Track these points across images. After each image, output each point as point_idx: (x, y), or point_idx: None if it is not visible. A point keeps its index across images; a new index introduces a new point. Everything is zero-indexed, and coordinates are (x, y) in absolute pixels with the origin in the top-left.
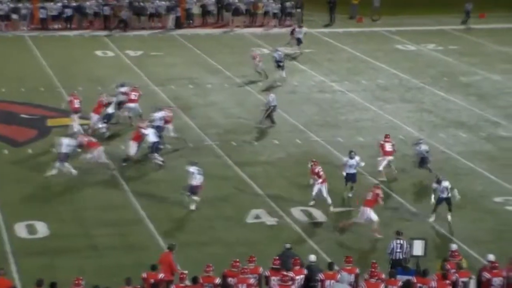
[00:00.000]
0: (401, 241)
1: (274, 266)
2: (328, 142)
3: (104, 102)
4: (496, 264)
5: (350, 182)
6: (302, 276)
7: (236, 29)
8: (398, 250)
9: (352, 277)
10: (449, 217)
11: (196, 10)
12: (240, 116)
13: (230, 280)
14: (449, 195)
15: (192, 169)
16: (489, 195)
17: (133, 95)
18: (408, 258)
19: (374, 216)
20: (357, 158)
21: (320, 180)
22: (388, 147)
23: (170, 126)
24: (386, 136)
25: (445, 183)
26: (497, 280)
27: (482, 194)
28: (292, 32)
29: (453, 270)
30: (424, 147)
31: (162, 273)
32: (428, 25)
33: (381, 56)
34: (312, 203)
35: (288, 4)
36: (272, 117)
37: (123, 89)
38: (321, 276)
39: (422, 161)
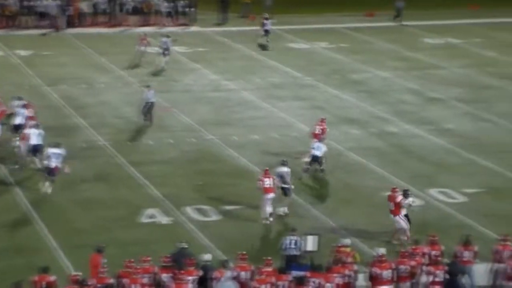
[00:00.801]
0: (295, 237)
1: (164, 264)
2: (222, 141)
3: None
4: (384, 258)
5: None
6: (195, 277)
7: (128, 28)
8: (292, 246)
9: (248, 274)
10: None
11: (87, 8)
12: (133, 115)
13: (124, 280)
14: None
15: (50, 151)
16: (380, 190)
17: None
18: (302, 254)
19: (403, 224)
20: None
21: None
22: (317, 129)
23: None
24: (322, 120)
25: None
26: (387, 273)
27: (373, 189)
28: (262, 25)
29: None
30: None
31: (92, 276)
32: (319, 23)
33: (274, 54)
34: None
35: (181, 3)
36: (150, 114)
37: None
38: (216, 273)
39: (313, 159)
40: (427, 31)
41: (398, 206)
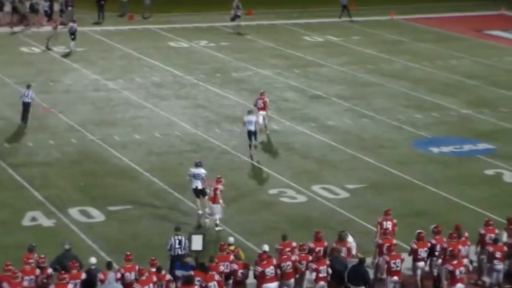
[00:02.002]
0: (180, 237)
1: (40, 265)
2: (104, 141)
3: None
4: (266, 255)
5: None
6: (78, 280)
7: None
8: (177, 246)
9: (133, 275)
10: None
11: None
12: (13, 117)
13: (4, 284)
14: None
15: None
16: (264, 188)
17: None
18: (187, 253)
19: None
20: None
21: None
22: (259, 104)
23: None
24: (262, 94)
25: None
26: (269, 270)
27: (257, 186)
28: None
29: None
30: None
31: None
32: (198, 22)
33: (154, 53)
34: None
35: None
36: (25, 115)
37: None
38: (100, 276)
39: (249, 134)
40: (306, 29)
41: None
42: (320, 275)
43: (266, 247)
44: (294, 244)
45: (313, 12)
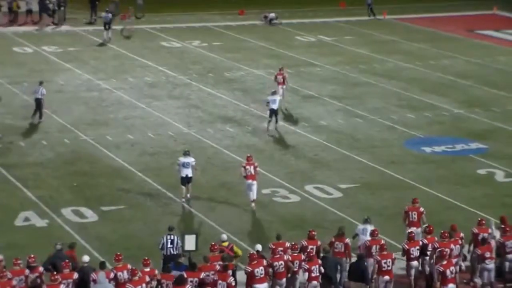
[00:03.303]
0: (172, 236)
1: (30, 265)
2: (97, 141)
3: None
4: (255, 256)
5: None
6: (71, 280)
7: None
8: (169, 245)
9: (125, 274)
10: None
11: None
12: (6, 117)
13: None
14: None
15: None
16: (257, 187)
17: None
18: (180, 253)
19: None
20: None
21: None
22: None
23: None
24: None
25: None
26: (259, 271)
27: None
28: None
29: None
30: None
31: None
32: (191, 22)
33: (147, 53)
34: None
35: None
36: (37, 112)
37: None
38: (93, 275)
39: (271, 112)
40: (299, 29)
41: None
42: (312, 274)
43: (259, 247)
44: (287, 244)
45: (306, 12)
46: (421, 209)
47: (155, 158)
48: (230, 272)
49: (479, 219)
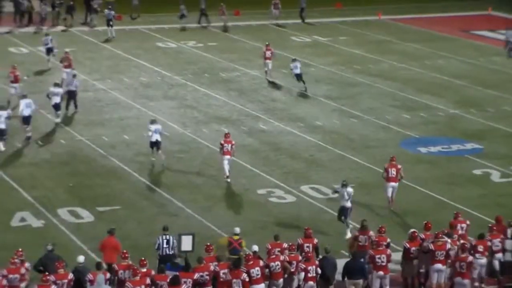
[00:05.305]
0: (168, 236)
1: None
2: (92, 141)
3: None
4: (251, 256)
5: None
6: (65, 280)
7: None
8: (165, 245)
9: (126, 273)
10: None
11: None
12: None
13: None
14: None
15: None
16: (253, 188)
17: None
18: (176, 253)
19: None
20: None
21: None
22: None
23: None
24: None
25: (349, 189)
26: (255, 271)
27: (246, 187)
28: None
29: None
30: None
31: (105, 257)
32: (186, 22)
33: (142, 53)
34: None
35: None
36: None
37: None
38: (90, 276)
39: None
40: (294, 29)
41: None
42: (309, 275)
43: (255, 248)
44: (285, 245)
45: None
46: (399, 166)
47: (150, 158)
48: (244, 268)
49: (455, 212)
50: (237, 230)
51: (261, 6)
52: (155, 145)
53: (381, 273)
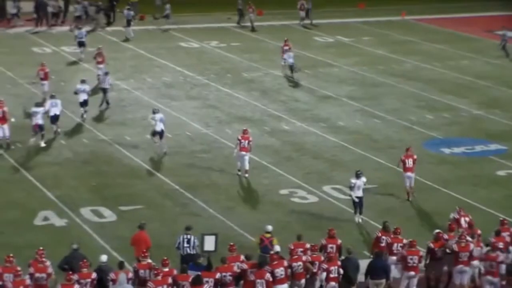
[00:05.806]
0: (189, 236)
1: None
2: (115, 141)
3: None
4: (277, 256)
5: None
6: (89, 279)
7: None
8: (186, 244)
9: (147, 272)
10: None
11: None
12: (22, 117)
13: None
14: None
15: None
16: (275, 188)
17: None
18: (198, 253)
19: None
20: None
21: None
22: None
23: None
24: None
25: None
26: (279, 271)
27: (268, 187)
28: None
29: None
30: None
31: (136, 252)
32: (209, 22)
33: (165, 53)
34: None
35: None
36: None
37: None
38: (112, 275)
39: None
40: (317, 29)
41: None
42: (331, 275)
43: (277, 248)
44: (307, 245)
45: (323, 12)
46: (415, 156)
47: (173, 158)
48: (268, 268)
49: (458, 207)
50: (269, 228)
51: (285, 6)
52: (159, 134)
53: (412, 273)
